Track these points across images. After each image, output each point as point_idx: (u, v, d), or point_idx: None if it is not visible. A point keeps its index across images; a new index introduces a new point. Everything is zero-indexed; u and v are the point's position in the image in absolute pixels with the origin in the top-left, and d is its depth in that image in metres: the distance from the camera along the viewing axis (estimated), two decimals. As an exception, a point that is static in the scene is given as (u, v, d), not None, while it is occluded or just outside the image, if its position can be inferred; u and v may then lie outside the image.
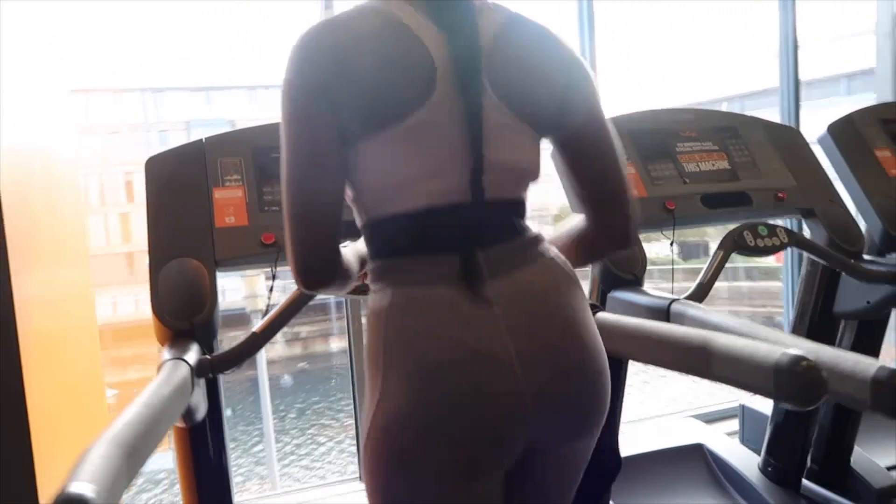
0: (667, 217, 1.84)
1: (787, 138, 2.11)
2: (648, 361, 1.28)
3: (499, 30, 0.96)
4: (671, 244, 1.84)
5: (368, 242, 0.99)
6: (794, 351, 0.96)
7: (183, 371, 1.18)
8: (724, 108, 12.47)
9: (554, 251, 1.02)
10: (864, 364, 1.00)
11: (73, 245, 1.94)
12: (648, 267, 1.76)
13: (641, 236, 1.83)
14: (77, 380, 1.85)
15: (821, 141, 2.12)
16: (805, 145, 2.11)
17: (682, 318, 1.48)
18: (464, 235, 0.93)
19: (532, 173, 1.02)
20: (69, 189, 1.95)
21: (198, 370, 1.28)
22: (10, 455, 1.36)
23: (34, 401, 1.41)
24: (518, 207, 1.01)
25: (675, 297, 1.56)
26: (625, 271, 1.74)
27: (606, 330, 1.33)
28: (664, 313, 1.53)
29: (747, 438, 2.51)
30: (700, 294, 1.67)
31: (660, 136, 1.98)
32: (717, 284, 1.71)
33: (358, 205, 0.98)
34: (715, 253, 1.75)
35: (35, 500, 1.37)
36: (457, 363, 0.89)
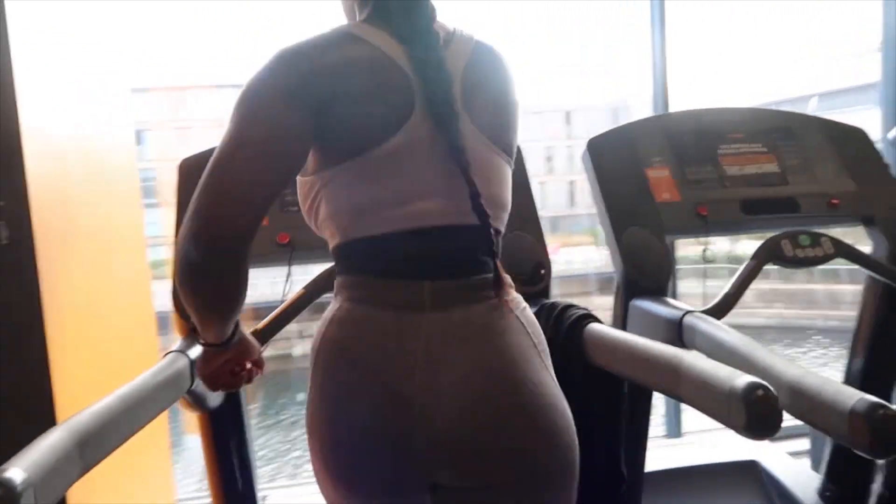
0: (699, 223, 1.75)
1: (850, 139, 1.94)
2: (628, 377, 1.24)
3: (469, 59, 0.97)
4: (703, 252, 1.75)
5: (337, 262, 0.99)
6: (751, 378, 0.91)
7: (180, 364, 1.24)
8: (814, 103, 11.43)
9: (513, 295, 0.99)
10: (844, 395, 0.93)
11: (130, 235, 2.10)
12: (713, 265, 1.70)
13: (672, 242, 1.76)
14: (131, 362, 2.03)
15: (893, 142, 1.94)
16: (871, 147, 1.93)
17: (692, 333, 1.43)
18: (421, 264, 0.94)
19: (506, 206, 1.02)
20: (126, 182, 2.11)
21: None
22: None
23: (77, 387, 1.55)
24: (492, 240, 0.97)
25: (689, 309, 1.50)
26: (648, 279, 1.68)
27: (594, 343, 1.31)
28: (676, 326, 1.48)
29: (816, 458, 2.35)
30: (723, 307, 1.59)
31: (702, 137, 1.88)
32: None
33: (330, 226, 0.97)
34: (747, 263, 1.65)
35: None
36: (363, 387, 0.92)
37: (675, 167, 1.82)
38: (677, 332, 1.47)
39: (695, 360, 1.03)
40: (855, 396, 0.92)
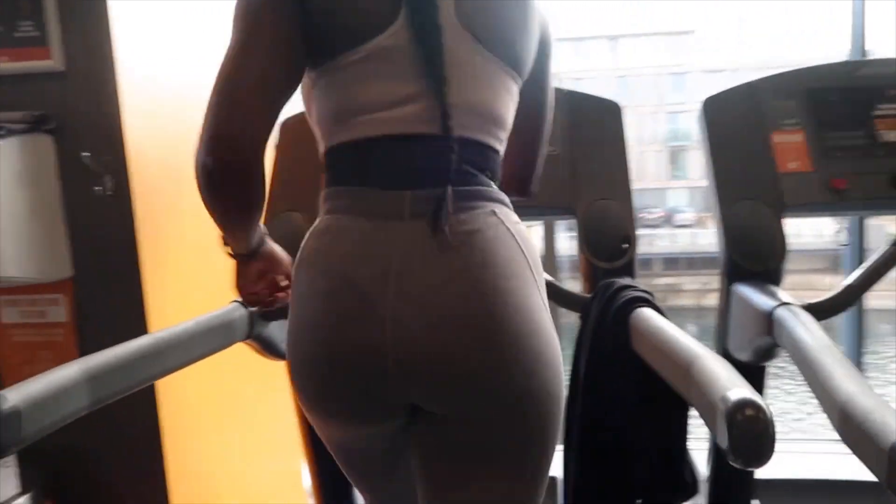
0: (831, 199, 1.45)
1: None
2: (656, 370, 1.07)
3: None
4: (837, 233, 1.46)
5: (325, 171, 0.95)
6: (743, 394, 0.74)
7: (237, 313, 1.27)
8: None
9: (504, 210, 0.91)
10: (889, 426, 0.73)
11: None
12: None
13: (792, 221, 1.48)
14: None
15: None
16: None
17: (780, 328, 1.20)
18: (402, 171, 0.88)
19: (497, 119, 0.92)
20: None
21: None
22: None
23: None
24: (479, 153, 0.90)
25: (788, 301, 1.26)
26: (753, 261, 1.44)
27: (636, 329, 1.16)
28: (767, 319, 1.25)
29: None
30: (842, 300, 1.31)
31: (852, 95, 1.54)
32: None
33: (318, 131, 0.94)
34: (882, 250, 1.34)
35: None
36: (335, 297, 0.87)
37: (813, 131, 1.52)
38: (767, 326, 1.25)
39: (708, 362, 0.86)
40: None
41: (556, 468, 1.26)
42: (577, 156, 1.60)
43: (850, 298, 1.33)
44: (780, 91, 1.58)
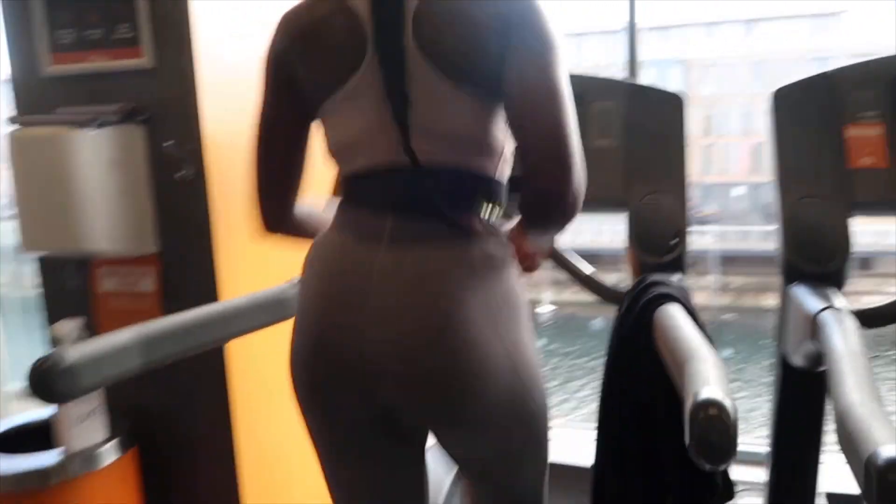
0: (904, 197, 1.34)
1: None
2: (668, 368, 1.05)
3: None
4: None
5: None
6: (710, 394, 0.73)
7: (292, 292, 1.30)
8: None
9: (478, 240, 0.95)
10: (870, 438, 0.70)
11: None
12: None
13: (863, 220, 1.38)
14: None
15: None
16: None
17: (822, 333, 1.14)
18: (385, 199, 0.96)
19: (473, 141, 0.96)
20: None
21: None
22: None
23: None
24: (454, 178, 0.96)
25: (835, 305, 1.18)
26: (809, 263, 1.36)
27: (657, 327, 1.14)
28: (811, 322, 1.19)
29: None
30: (888, 311, 1.22)
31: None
32: None
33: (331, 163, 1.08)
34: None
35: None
36: (326, 310, 0.97)
37: (893, 124, 1.41)
38: (812, 330, 1.19)
39: (700, 363, 0.85)
40: (880, 443, 0.68)
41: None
42: (633, 148, 1.58)
43: (907, 307, 1.23)
44: (861, 81, 1.47)
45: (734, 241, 17.61)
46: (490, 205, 0.98)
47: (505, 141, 0.99)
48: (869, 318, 1.25)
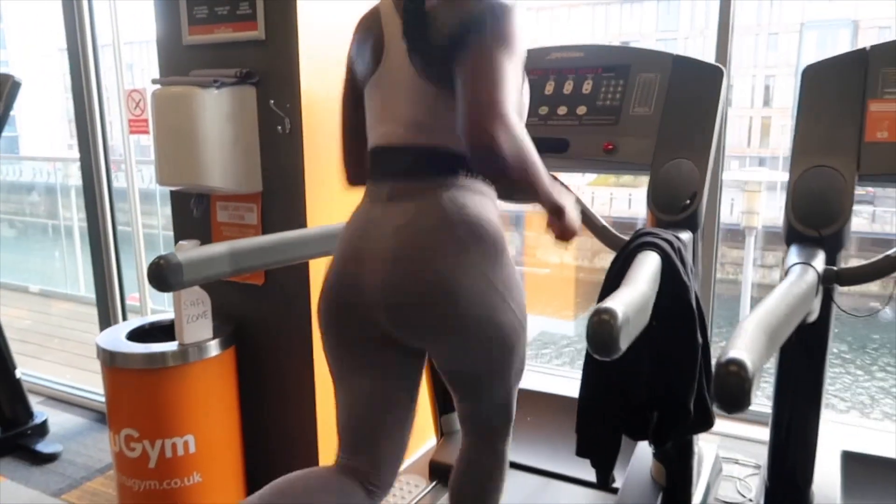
0: (910, 171, 1.41)
1: None
2: None
3: (432, 4, 1.19)
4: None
5: None
6: (610, 303, 0.94)
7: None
8: None
9: (450, 195, 1.20)
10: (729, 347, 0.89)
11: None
12: None
13: (865, 191, 1.46)
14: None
15: None
16: None
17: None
18: (385, 169, 1.27)
19: (425, 125, 1.22)
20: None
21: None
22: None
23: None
24: (427, 153, 1.23)
25: (809, 262, 1.31)
26: (806, 226, 1.47)
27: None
28: (784, 275, 1.32)
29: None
30: (874, 269, 1.33)
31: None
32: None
33: None
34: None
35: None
36: (342, 255, 1.28)
37: (911, 101, 1.47)
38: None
39: (630, 277, 1.06)
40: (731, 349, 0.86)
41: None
42: (668, 117, 1.72)
43: (882, 269, 1.33)
44: (894, 57, 1.53)
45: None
46: (468, 172, 1.23)
47: None
48: (846, 278, 1.36)
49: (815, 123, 1.55)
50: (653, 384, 1.39)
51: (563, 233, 1.23)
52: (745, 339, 0.90)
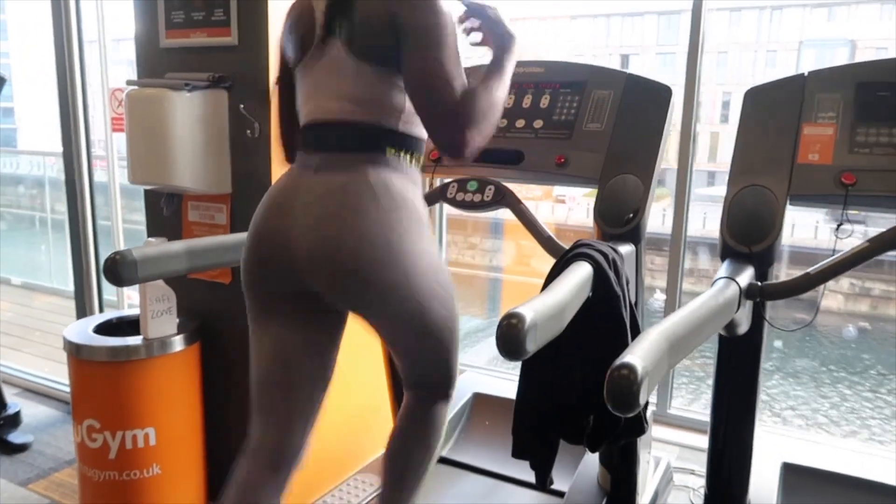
0: (836, 192, 1.48)
1: None
2: None
3: None
4: (837, 228, 1.48)
5: None
6: (518, 309, 1.01)
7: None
8: None
9: (377, 171, 1.28)
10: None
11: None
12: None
13: (794, 209, 1.54)
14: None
15: None
16: None
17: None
18: (317, 143, 1.33)
19: (378, 103, 1.28)
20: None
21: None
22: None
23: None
24: (358, 128, 1.30)
25: (733, 277, 1.37)
26: (737, 242, 1.54)
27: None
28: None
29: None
30: (796, 285, 1.39)
31: (898, 91, 1.51)
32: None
33: None
34: (856, 246, 1.36)
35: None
36: (266, 213, 1.34)
37: (847, 126, 1.55)
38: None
39: (552, 285, 1.12)
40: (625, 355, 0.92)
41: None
42: (618, 133, 1.80)
43: (804, 285, 1.39)
44: (829, 84, 1.61)
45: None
46: (395, 149, 1.30)
47: (405, 102, 1.29)
48: (769, 293, 1.43)
49: (752, 144, 1.62)
50: (586, 389, 1.46)
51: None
52: (643, 345, 0.97)
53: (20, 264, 6.04)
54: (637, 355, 0.92)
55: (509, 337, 0.99)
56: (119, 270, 1.41)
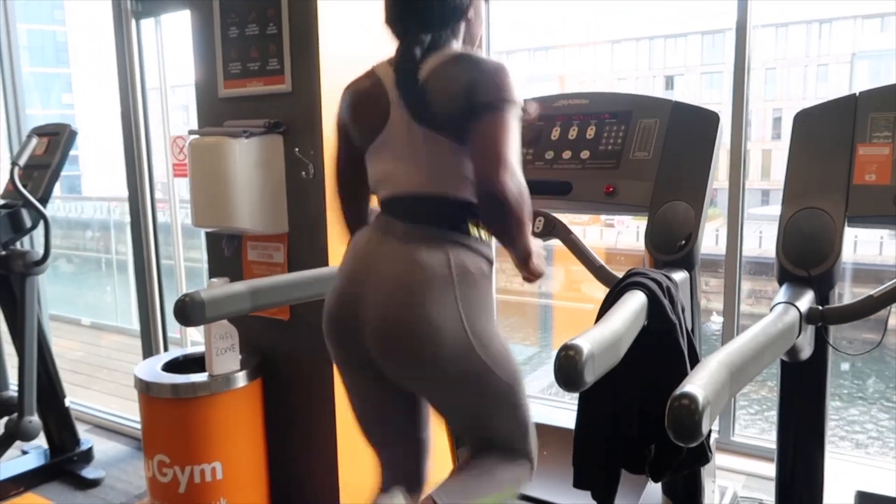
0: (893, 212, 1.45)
1: None
2: None
3: (432, 68, 1.30)
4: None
5: None
6: (576, 340, 1.02)
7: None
8: None
9: (455, 252, 1.31)
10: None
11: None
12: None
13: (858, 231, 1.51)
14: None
15: None
16: None
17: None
18: (398, 214, 1.37)
19: (458, 177, 1.32)
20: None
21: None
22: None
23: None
24: (437, 201, 1.34)
25: (793, 303, 1.35)
26: (795, 266, 1.51)
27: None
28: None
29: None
30: (858, 309, 1.36)
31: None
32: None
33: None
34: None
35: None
36: (349, 276, 1.40)
37: (901, 145, 1.52)
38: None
39: (607, 315, 1.13)
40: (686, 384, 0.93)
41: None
42: (666, 160, 1.80)
43: (867, 308, 1.36)
44: (882, 102, 1.59)
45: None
46: (478, 224, 1.35)
47: None
48: (831, 317, 1.40)
49: (806, 166, 1.61)
50: (645, 419, 1.45)
51: (530, 275, 1.36)
52: (703, 374, 0.97)
53: (88, 305, 6.31)
54: (697, 384, 0.93)
55: (567, 369, 1.01)
56: (188, 312, 1.48)
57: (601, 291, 1.61)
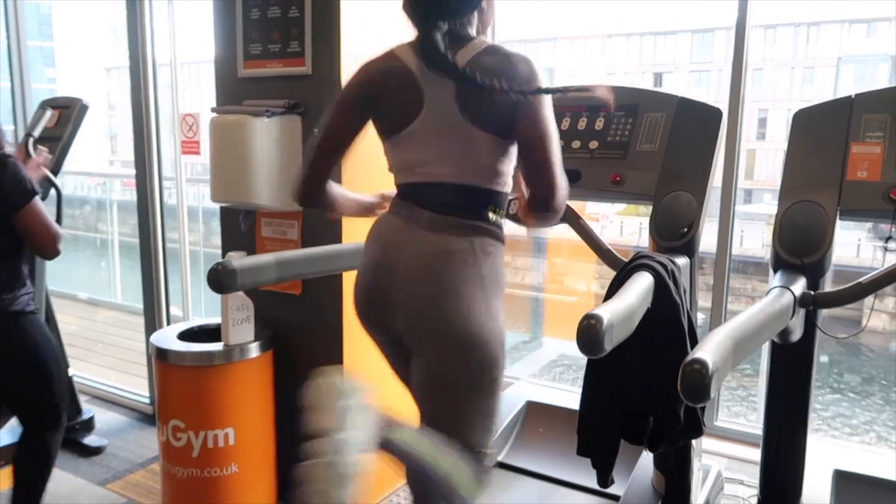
0: (884, 207, 1.57)
1: None
2: None
3: (470, 60, 1.35)
4: (886, 241, 1.56)
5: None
6: (596, 310, 1.12)
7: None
8: None
9: (480, 240, 1.39)
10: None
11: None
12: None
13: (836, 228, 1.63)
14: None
15: None
16: None
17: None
18: (429, 200, 1.42)
19: (488, 168, 1.40)
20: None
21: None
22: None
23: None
24: (465, 190, 1.40)
25: (787, 286, 1.47)
26: (789, 254, 1.63)
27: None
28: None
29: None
30: (848, 294, 1.48)
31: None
32: None
33: (392, 172, 1.52)
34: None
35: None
36: (373, 260, 1.47)
37: (895, 145, 1.63)
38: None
39: (621, 292, 1.23)
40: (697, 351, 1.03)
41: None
42: (671, 153, 1.90)
43: (856, 293, 1.47)
44: (876, 104, 1.70)
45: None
46: (495, 210, 1.43)
47: (509, 166, 1.42)
48: (822, 301, 1.52)
49: (802, 162, 1.72)
50: (647, 392, 1.55)
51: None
52: (712, 344, 1.07)
53: (81, 281, 6.31)
54: (707, 352, 1.03)
55: (589, 335, 1.10)
56: (221, 279, 1.56)
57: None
